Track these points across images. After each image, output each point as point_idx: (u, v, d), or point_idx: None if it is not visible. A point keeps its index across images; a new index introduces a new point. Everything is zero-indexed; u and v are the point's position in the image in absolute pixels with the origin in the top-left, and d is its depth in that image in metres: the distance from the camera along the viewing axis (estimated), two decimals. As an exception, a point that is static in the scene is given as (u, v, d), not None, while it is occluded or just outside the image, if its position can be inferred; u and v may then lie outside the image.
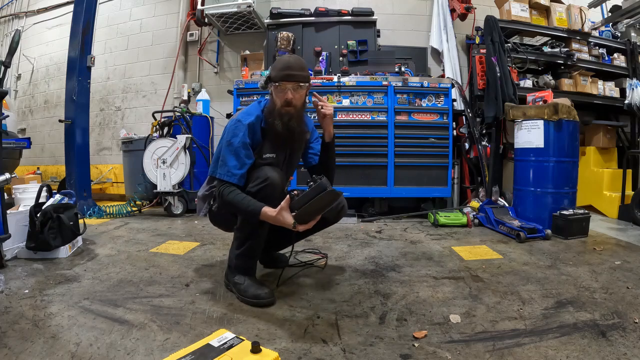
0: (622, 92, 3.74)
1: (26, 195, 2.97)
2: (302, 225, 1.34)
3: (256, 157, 1.51)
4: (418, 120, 3.23)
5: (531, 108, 2.80)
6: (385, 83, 3.22)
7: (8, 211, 1.97)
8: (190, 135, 3.43)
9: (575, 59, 3.56)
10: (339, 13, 3.79)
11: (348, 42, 3.68)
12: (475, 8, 3.90)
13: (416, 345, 1.14)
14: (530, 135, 2.76)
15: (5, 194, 1.95)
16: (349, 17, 3.79)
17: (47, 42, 5.21)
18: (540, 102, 2.94)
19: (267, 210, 1.35)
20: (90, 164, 3.56)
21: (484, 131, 3.45)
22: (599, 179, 3.45)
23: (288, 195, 1.34)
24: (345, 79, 3.25)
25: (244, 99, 3.36)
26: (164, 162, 3.33)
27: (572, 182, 2.73)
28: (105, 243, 2.37)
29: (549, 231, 2.49)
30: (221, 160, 1.49)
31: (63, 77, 3.64)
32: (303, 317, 1.34)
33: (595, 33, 3.87)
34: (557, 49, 3.57)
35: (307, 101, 1.62)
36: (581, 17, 3.61)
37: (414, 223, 3.09)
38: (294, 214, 1.32)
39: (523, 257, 2.06)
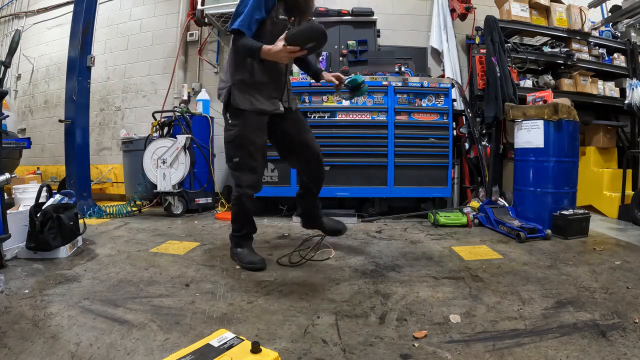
0: (622, 92, 3.74)
1: (26, 195, 2.97)
2: (291, 45, 1.60)
3: (271, 16, 1.77)
4: (418, 120, 3.23)
5: (531, 108, 2.80)
6: (385, 83, 3.22)
7: (8, 211, 1.97)
8: (190, 135, 3.43)
9: (575, 59, 3.56)
10: (339, 13, 3.79)
11: (348, 42, 3.68)
12: (475, 8, 3.90)
13: (416, 345, 1.14)
14: (530, 135, 2.76)
15: (5, 194, 1.95)
16: (349, 17, 3.79)
17: (47, 42, 5.21)
18: (540, 102, 2.94)
19: (266, 45, 1.66)
20: (90, 164, 3.56)
21: (484, 131, 3.44)
22: (599, 179, 3.45)
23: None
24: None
25: (244, 99, 3.35)
26: (164, 162, 3.33)
27: (572, 182, 2.73)
28: (105, 243, 2.37)
29: (549, 231, 2.49)
30: (236, 14, 1.74)
31: (63, 77, 3.63)
32: (303, 317, 1.34)
33: (595, 33, 3.87)
34: (557, 49, 3.57)
35: None
36: (581, 17, 3.61)
37: (414, 223, 3.09)
38: (286, 37, 1.61)
39: (523, 257, 2.06)
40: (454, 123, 3.35)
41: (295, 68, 3.54)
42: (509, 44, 3.45)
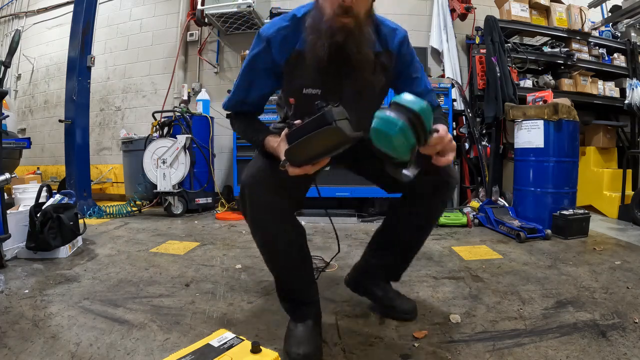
0: (622, 92, 3.74)
1: (26, 195, 2.97)
2: (293, 167, 0.90)
3: (292, 90, 1.10)
4: (418, 120, 3.22)
5: (531, 108, 2.80)
6: (385, 83, 3.21)
7: (8, 211, 1.97)
8: (190, 135, 3.43)
9: (575, 59, 3.56)
10: (339, 13, 3.78)
11: (348, 42, 3.67)
12: (475, 8, 3.90)
13: (416, 345, 1.14)
14: (530, 135, 2.76)
15: (5, 194, 1.95)
16: (349, 17, 3.78)
17: (47, 42, 5.21)
18: (540, 102, 2.94)
19: (271, 139, 1.02)
20: (90, 164, 3.56)
21: (484, 131, 3.45)
22: (599, 179, 3.45)
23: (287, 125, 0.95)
24: (345, 79, 3.24)
25: (244, 99, 3.35)
26: (164, 162, 3.33)
27: (572, 182, 2.73)
28: (105, 243, 2.37)
29: (549, 231, 2.48)
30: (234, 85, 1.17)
31: (63, 77, 3.63)
32: (303, 317, 1.34)
33: (595, 33, 3.87)
34: (557, 49, 3.57)
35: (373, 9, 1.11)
36: (581, 17, 3.61)
37: (414, 223, 3.09)
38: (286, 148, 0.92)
39: (523, 257, 2.06)
40: (454, 123, 3.35)
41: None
42: (509, 44, 3.45)
